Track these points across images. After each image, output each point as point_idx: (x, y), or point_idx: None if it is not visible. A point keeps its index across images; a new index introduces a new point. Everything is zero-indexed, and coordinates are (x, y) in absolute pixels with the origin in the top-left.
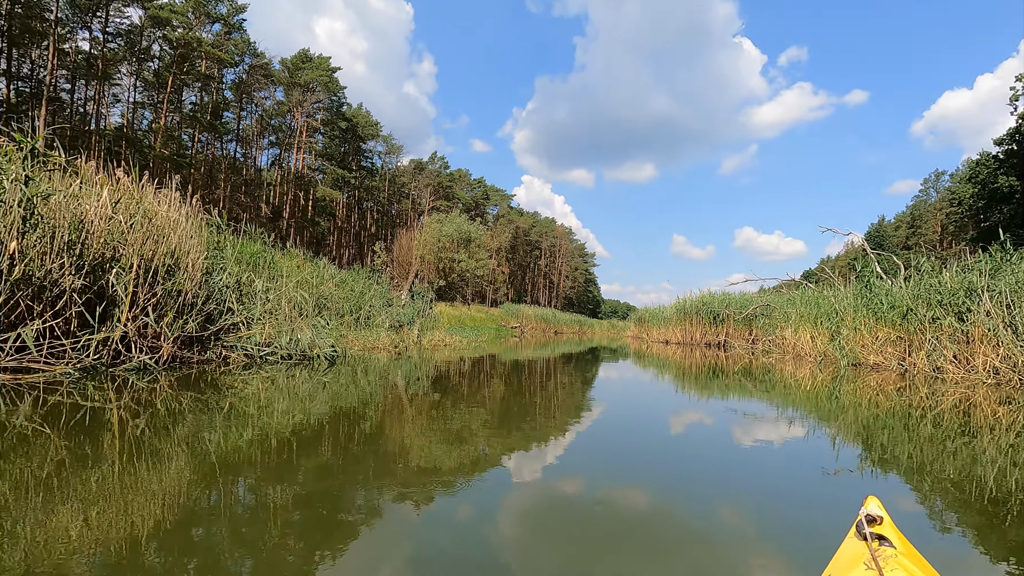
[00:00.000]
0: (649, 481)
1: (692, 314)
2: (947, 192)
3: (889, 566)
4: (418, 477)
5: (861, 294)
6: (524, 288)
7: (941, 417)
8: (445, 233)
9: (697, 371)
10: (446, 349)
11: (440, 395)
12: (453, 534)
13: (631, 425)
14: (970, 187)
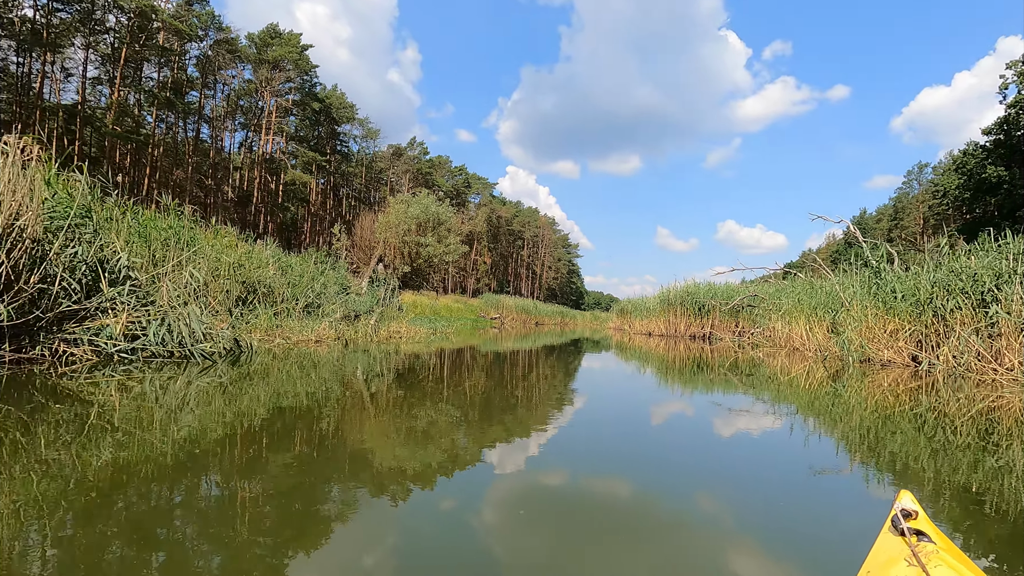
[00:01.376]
0: (631, 473)
1: (676, 305)
2: (930, 184)
3: (932, 562)
4: (401, 472)
5: (869, 282)
6: (506, 278)
7: (965, 420)
8: (411, 215)
9: (681, 365)
10: (407, 341)
11: (373, 403)
12: (435, 525)
13: (613, 418)
14: (956, 178)
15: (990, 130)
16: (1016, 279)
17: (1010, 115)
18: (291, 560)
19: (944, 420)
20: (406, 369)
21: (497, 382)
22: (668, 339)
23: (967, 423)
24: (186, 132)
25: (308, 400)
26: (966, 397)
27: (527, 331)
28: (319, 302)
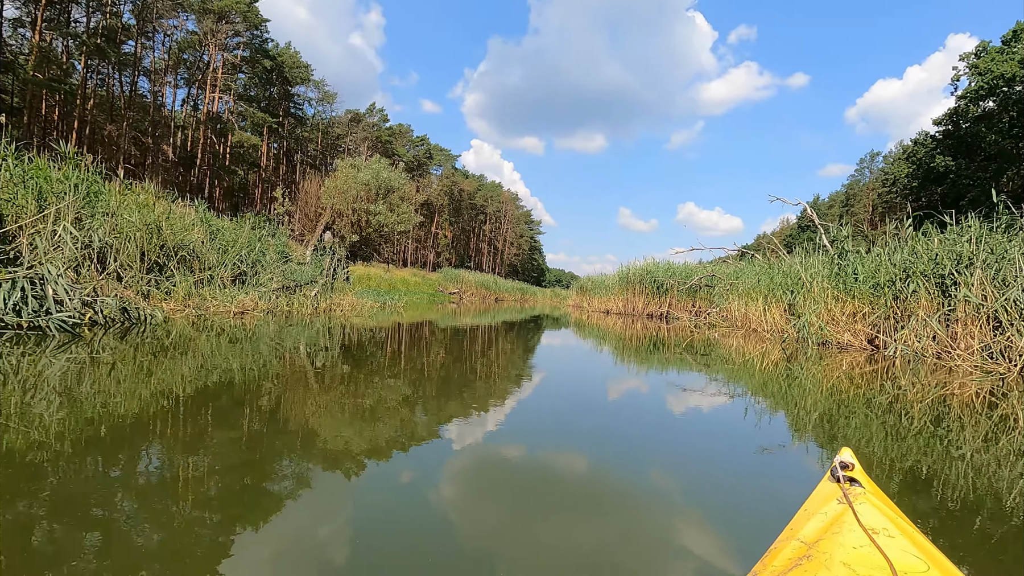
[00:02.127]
0: (587, 448)
1: (635, 283)
2: (881, 172)
3: (858, 501)
4: (353, 447)
5: (832, 263)
6: (468, 253)
7: (918, 404)
8: (361, 180)
9: (638, 343)
10: (355, 315)
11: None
12: (391, 499)
13: (570, 395)
14: (906, 167)
15: (941, 121)
16: (978, 263)
17: (960, 107)
18: (238, 536)
19: (897, 404)
20: (353, 344)
21: (455, 358)
22: (626, 317)
23: (920, 407)
24: (121, 85)
25: (219, 378)
26: (922, 382)
27: (486, 307)
28: (255, 271)
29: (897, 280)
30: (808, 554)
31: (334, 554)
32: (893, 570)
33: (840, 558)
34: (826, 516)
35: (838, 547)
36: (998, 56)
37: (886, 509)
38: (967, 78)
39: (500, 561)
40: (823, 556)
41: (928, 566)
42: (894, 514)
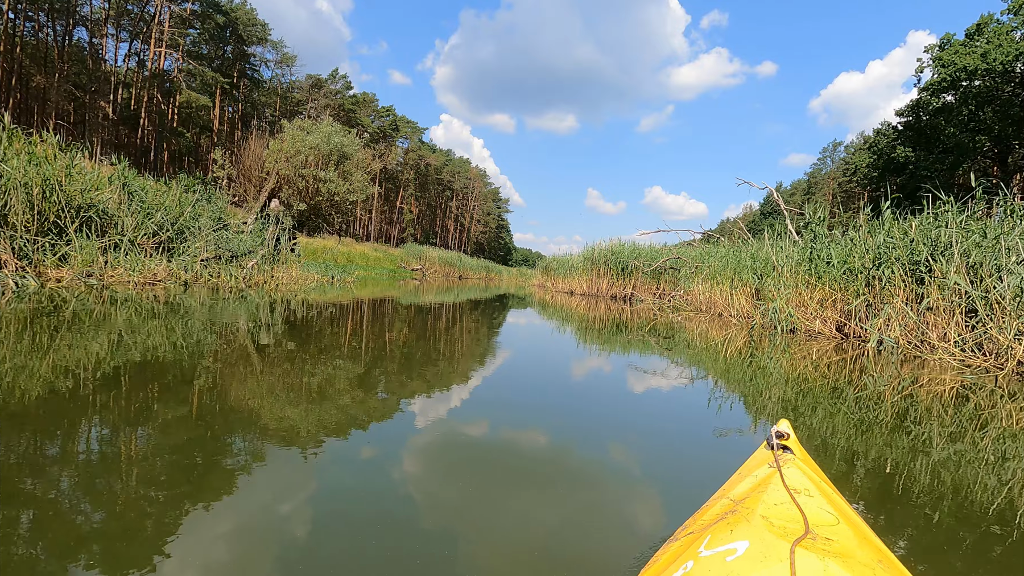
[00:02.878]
0: (549, 425)
1: (600, 264)
2: (842, 162)
3: (787, 465)
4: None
5: (806, 246)
6: (433, 230)
7: (883, 395)
8: (309, 144)
9: (601, 325)
10: (301, 289)
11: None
12: (354, 474)
13: (532, 374)
14: (867, 156)
15: (903, 112)
16: (956, 249)
17: (922, 99)
18: (188, 515)
19: (863, 394)
20: (300, 319)
21: (418, 335)
22: (590, 298)
23: (886, 398)
24: (55, 34)
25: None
26: (903, 375)
27: (450, 284)
28: (183, 238)
29: (871, 265)
30: (734, 509)
31: (291, 531)
32: (806, 522)
33: (761, 512)
34: (756, 478)
35: (761, 503)
36: (961, 49)
37: (811, 473)
38: (930, 70)
39: (462, 538)
40: (746, 511)
41: (838, 520)
42: (818, 478)
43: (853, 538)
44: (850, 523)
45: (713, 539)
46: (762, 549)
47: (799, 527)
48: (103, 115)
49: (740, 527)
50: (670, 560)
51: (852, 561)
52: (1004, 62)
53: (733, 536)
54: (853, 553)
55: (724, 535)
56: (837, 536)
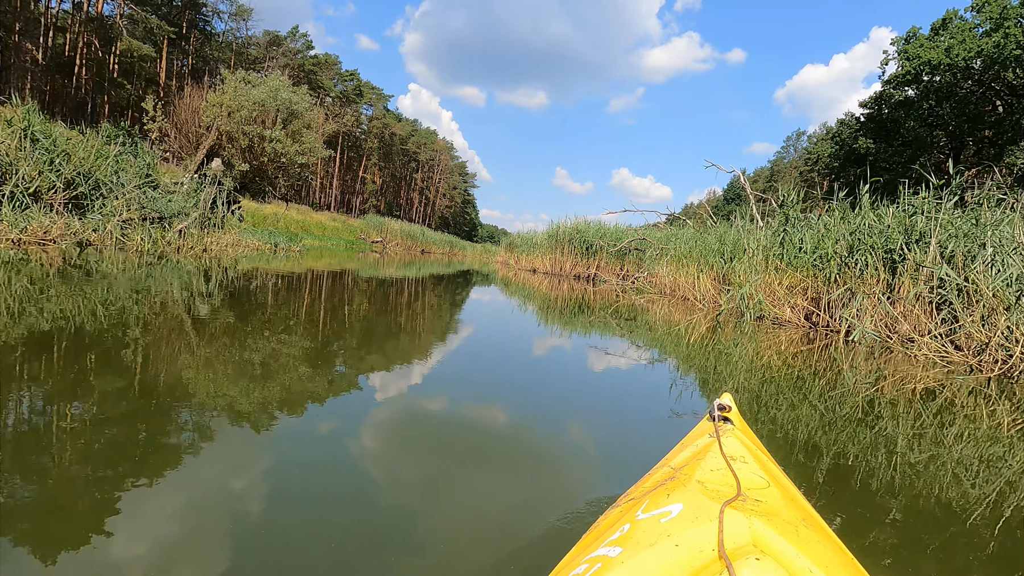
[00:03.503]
0: (510, 403)
1: (564, 242)
2: (804, 151)
3: (726, 435)
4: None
5: (778, 230)
6: (397, 202)
7: (842, 385)
8: (254, 98)
9: (563, 305)
10: (243, 257)
11: None
12: (312, 447)
13: (492, 351)
14: (829, 146)
15: (866, 103)
16: (933, 238)
17: (885, 91)
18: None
19: (832, 388)
20: (237, 291)
21: (378, 310)
22: (553, 277)
23: (854, 392)
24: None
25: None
26: (864, 367)
27: (412, 258)
28: (99, 193)
29: (845, 252)
30: (673, 476)
31: (243, 507)
32: (738, 485)
33: (697, 478)
34: (696, 447)
35: (698, 470)
36: (926, 43)
37: (747, 442)
38: (895, 63)
39: (420, 512)
40: (684, 477)
41: (768, 484)
42: (754, 446)
43: (780, 500)
44: (780, 487)
45: (651, 503)
46: (695, 510)
47: (732, 491)
48: (31, 59)
49: (677, 492)
50: (609, 524)
51: (777, 520)
52: (966, 58)
53: (669, 500)
54: (779, 513)
55: (661, 499)
56: (766, 498)
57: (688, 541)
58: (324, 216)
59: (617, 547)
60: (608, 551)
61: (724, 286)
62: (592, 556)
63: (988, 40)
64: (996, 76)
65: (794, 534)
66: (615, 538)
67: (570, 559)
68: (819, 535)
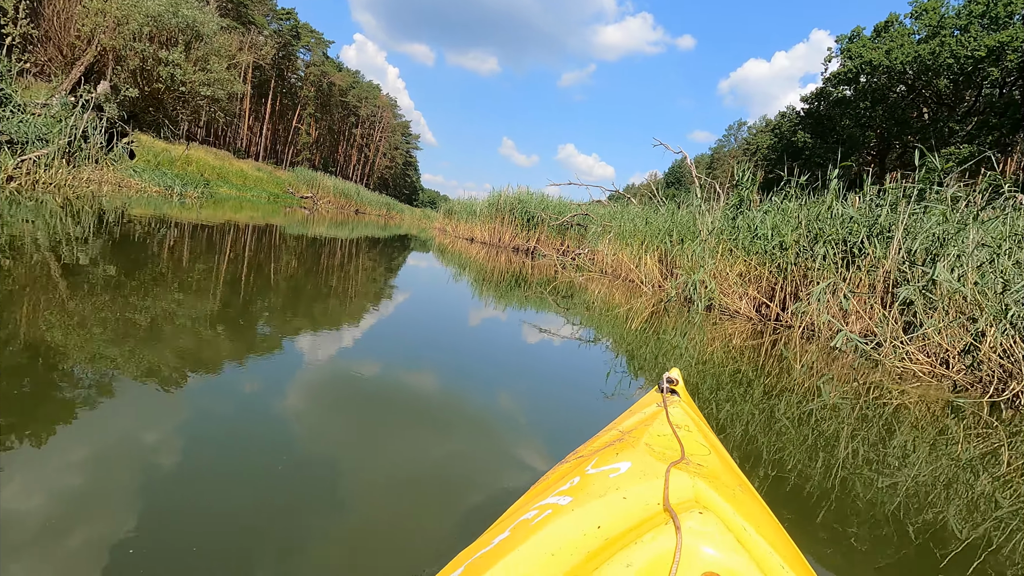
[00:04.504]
0: (446, 369)
1: (505, 212)
2: (744, 141)
3: (672, 405)
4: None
5: (734, 212)
6: (334, 158)
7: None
8: (146, 11)
9: (500, 277)
10: (133, 201)
11: None
12: (233, 408)
13: (428, 319)
14: (769, 138)
15: (807, 98)
16: (899, 231)
17: (825, 88)
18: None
19: (784, 390)
20: (112, 237)
21: (308, 271)
22: (491, 248)
23: (800, 391)
24: None
25: None
26: (804, 363)
27: (345, 218)
28: None
29: (805, 242)
30: (621, 438)
31: (161, 463)
32: (683, 450)
33: (645, 441)
34: (644, 414)
35: (646, 434)
36: (869, 43)
37: (692, 413)
38: (838, 61)
39: (344, 472)
40: (632, 439)
41: (709, 451)
42: (697, 418)
43: (720, 466)
44: (719, 455)
45: (600, 461)
46: (642, 468)
47: (676, 454)
48: None
49: (625, 452)
50: (559, 477)
51: (717, 482)
52: (904, 62)
53: (618, 458)
54: (719, 476)
55: (611, 457)
56: (707, 463)
57: (635, 495)
58: (247, 165)
59: (568, 496)
60: (558, 500)
61: (671, 270)
62: (542, 504)
63: (925, 46)
64: (928, 83)
65: (732, 495)
66: (565, 488)
67: (519, 506)
68: (752, 499)
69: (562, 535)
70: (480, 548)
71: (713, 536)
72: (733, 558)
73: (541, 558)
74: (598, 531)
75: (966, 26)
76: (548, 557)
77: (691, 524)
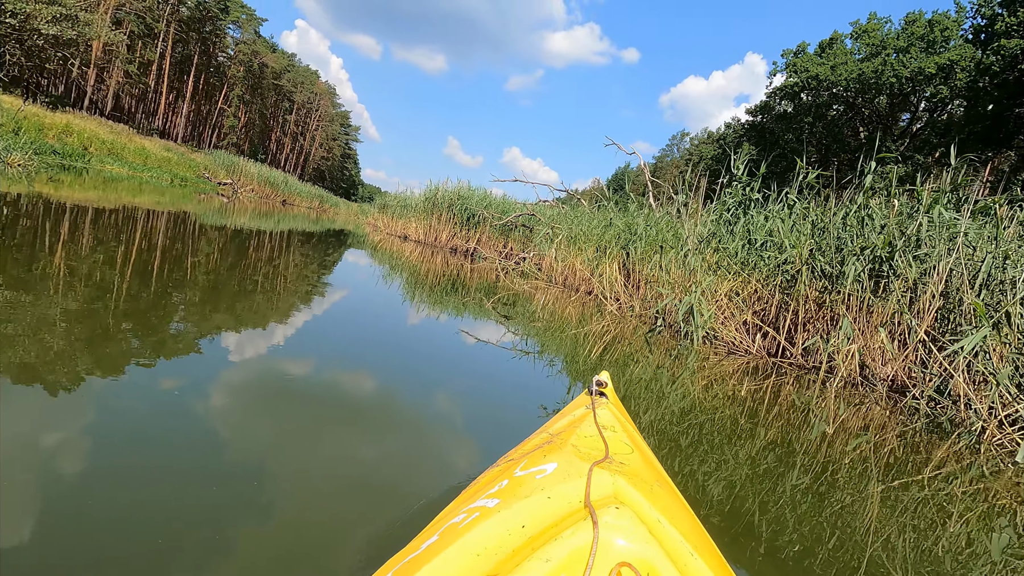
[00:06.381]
0: (376, 369)
1: (443, 208)
2: (686, 151)
3: (600, 407)
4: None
5: (731, 219)
6: (265, 145)
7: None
8: None
9: (435, 280)
10: None
11: None
12: (151, 407)
13: (359, 320)
14: (712, 149)
15: (752, 111)
16: (951, 246)
17: (770, 102)
18: None
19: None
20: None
21: (226, 265)
22: (426, 247)
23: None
24: None
25: None
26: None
27: (269, 209)
28: None
29: (825, 258)
30: (550, 440)
31: (64, 465)
32: (607, 449)
33: (572, 442)
34: (573, 417)
35: (573, 436)
36: (814, 59)
37: (618, 414)
38: (782, 75)
39: (271, 475)
40: (560, 441)
41: (632, 450)
42: (624, 418)
43: (641, 463)
44: (641, 453)
45: (528, 463)
46: (567, 468)
47: (601, 454)
48: None
49: (553, 454)
50: (488, 481)
51: (637, 479)
52: (848, 78)
53: (545, 460)
54: (639, 473)
55: (539, 460)
56: (629, 461)
57: (559, 494)
58: (153, 143)
59: (495, 499)
60: (486, 503)
61: (635, 284)
62: (471, 507)
63: (868, 64)
64: (869, 101)
65: (649, 490)
66: (494, 491)
67: (449, 511)
68: (669, 493)
69: (488, 536)
70: (409, 553)
71: (627, 529)
72: (645, 548)
73: (467, 559)
74: (522, 530)
75: (907, 47)
76: (473, 558)
77: (607, 519)
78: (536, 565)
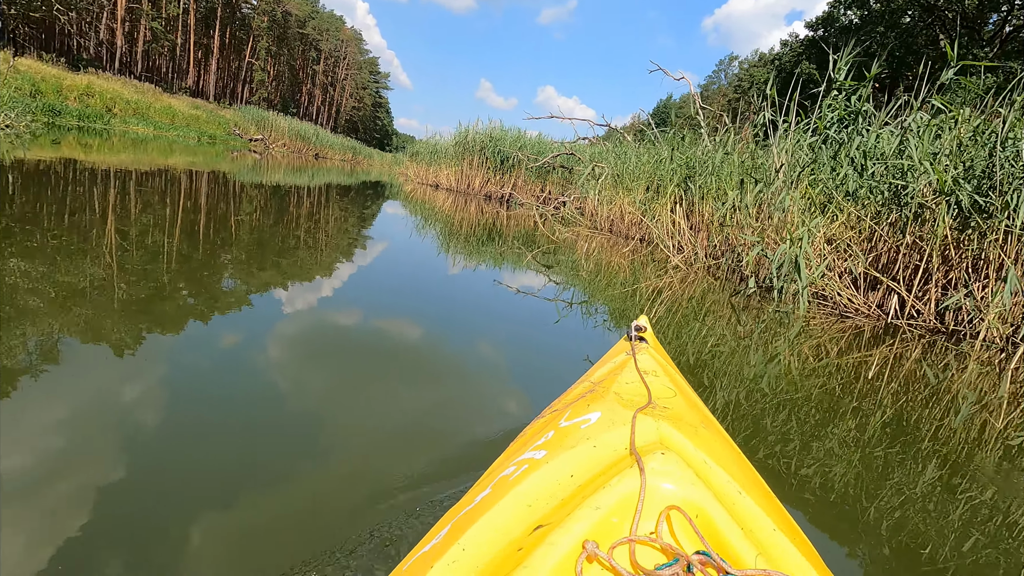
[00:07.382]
0: (420, 319)
1: (475, 152)
2: (735, 78)
3: (640, 353)
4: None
5: (838, 140)
6: (296, 98)
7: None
8: None
9: (469, 231)
10: None
11: None
12: (215, 360)
13: (395, 273)
14: (765, 72)
15: (812, 24)
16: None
17: (833, 12)
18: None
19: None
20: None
21: (266, 224)
22: (458, 195)
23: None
24: None
25: None
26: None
27: (303, 163)
28: None
29: (974, 179)
30: (592, 389)
31: (145, 418)
32: (649, 395)
33: (614, 390)
34: (614, 364)
35: (615, 383)
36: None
37: (659, 358)
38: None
39: (327, 424)
40: (602, 390)
41: (675, 394)
42: (665, 362)
43: (685, 406)
44: (684, 396)
45: (572, 413)
46: (611, 417)
47: (643, 400)
48: None
49: (596, 403)
50: (535, 432)
51: (681, 423)
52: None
53: (589, 409)
54: (683, 417)
55: (582, 409)
56: (673, 406)
57: (604, 443)
58: (180, 102)
59: (543, 451)
60: (534, 454)
61: (695, 229)
62: (519, 460)
63: None
64: (954, 2)
65: (694, 434)
66: (540, 443)
67: (499, 463)
68: (715, 435)
69: (538, 487)
70: (465, 506)
71: (674, 473)
72: (692, 491)
73: (519, 510)
74: (571, 479)
75: None
76: (525, 509)
77: (653, 465)
78: (587, 513)
